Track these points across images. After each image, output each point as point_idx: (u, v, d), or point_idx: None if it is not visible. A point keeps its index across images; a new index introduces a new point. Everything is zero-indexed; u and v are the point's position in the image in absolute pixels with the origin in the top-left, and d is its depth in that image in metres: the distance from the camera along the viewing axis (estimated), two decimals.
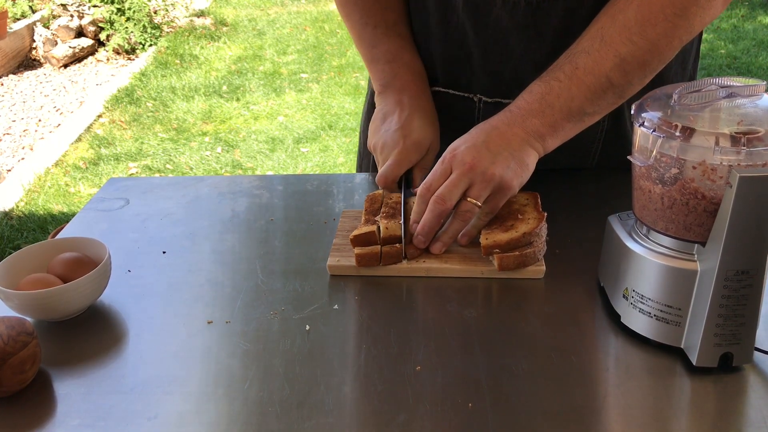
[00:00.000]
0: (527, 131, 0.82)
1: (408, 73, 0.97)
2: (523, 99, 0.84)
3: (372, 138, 0.95)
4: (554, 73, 0.83)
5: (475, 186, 0.79)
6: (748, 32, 5.16)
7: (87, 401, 0.64)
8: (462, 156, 0.80)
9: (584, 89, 0.81)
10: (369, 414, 0.61)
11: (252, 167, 3.39)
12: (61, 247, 0.80)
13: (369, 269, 0.82)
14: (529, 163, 0.82)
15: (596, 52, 0.80)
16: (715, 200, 0.61)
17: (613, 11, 0.81)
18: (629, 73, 0.81)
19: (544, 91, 0.82)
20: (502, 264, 0.79)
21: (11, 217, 2.92)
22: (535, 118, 0.82)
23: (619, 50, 0.79)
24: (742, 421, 0.61)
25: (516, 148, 0.81)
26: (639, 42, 0.79)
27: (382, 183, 0.91)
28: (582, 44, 0.83)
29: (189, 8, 5.91)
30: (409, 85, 0.96)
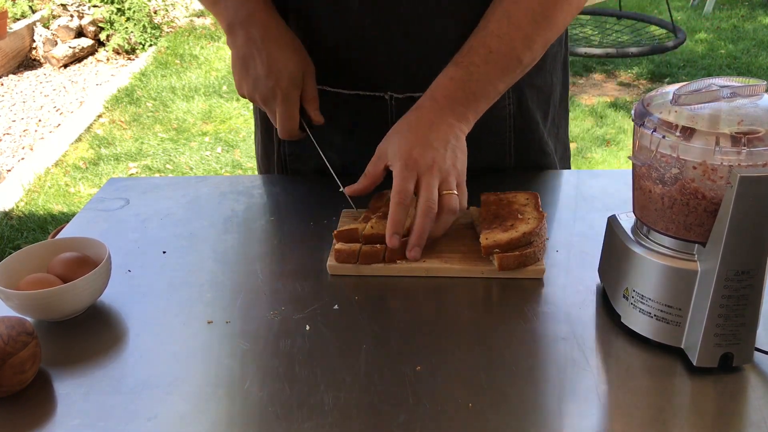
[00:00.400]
0: (457, 118, 0.85)
1: (250, 3, 0.91)
2: (444, 86, 0.86)
3: (242, 86, 0.91)
4: (470, 57, 0.86)
5: (446, 180, 0.81)
6: (748, 32, 5.16)
7: (87, 401, 0.64)
8: (422, 158, 0.81)
9: (499, 72, 0.85)
10: (369, 414, 0.61)
11: (252, 167, 3.39)
12: (61, 247, 0.80)
13: (369, 269, 0.82)
14: (463, 147, 0.85)
15: (506, 35, 0.85)
16: (716, 200, 0.61)
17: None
18: (535, 51, 0.87)
19: (465, 78, 0.85)
20: (503, 264, 0.79)
21: (11, 217, 2.92)
22: (461, 105, 0.85)
23: (526, 31, 0.85)
24: (742, 421, 0.61)
25: (455, 138, 0.84)
26: (542, 22, 0.85)
27: (286, 136, 0.91)
28: (490, 26, 0.86)
29: (189, 8, 5.91)
30: (253, 15, 0.90)
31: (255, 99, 0.91)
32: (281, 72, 0.88)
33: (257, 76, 0.88)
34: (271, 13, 0.92)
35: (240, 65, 0.90)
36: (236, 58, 0.91)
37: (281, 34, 0.90)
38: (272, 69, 0.87)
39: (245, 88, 0.91)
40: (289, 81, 0.88)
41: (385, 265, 0.82)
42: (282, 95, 0.88)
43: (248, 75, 0.89)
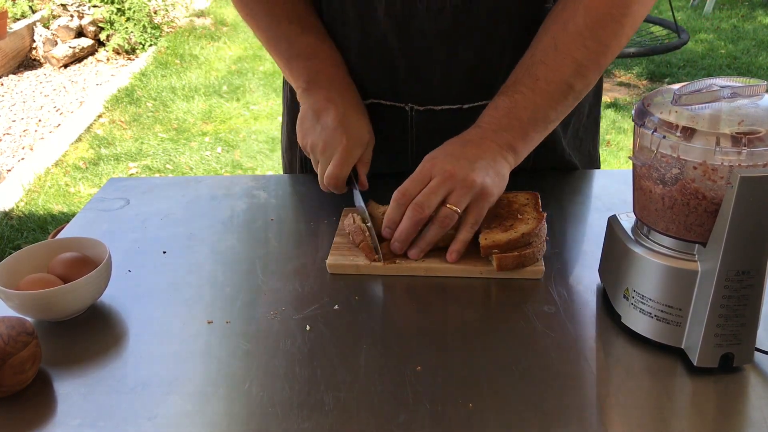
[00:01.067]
0: (500, 144, 0.83)
1: (331, 67, 0.95)
2: (490, 115, 0.85)
3: (306, 137, 0.92)
4: (516, 87, 0.84)
5: (455, 192, 0.79)
6: (748, 32, 5.17)
7: (87, 401, 0.64)
8: (442, 163, 0.80)
9: (547, 98, 0.83)
10: (369, 414, 0.61)
11: (252, 167, 3.39)
12: (61, 247, 0.80)
13: (368, 268, 0.82)
14: (504, 174, 0.83)
15: (553, 61, 0.83)
16: (716, 200, 0.61)
17: (563, 19, 0.83)
18: (587, 76, 0.84)
19: (510, 105, 0.84)
20: (501, 264, 0.79)
21: (11, 217, 2.92)
22: (506, 132, 0.83)
23: (575, 56, 0.82)
24: (742, 421, 0.61)
25: (492, 159, 0.82)
26: (592, 46, 0.82)
27: (332, 183, 0.90)
28: (537, 55, 0.84)
29: (189, 8, 5.91)
30: (336, 80, 0.94)
31: (317, 147, 0.91)
32: (352, 127, 0.90)
33: (327, 126, 0.90)
34: (350, 84, 0.96)
35: (311, 116, 0.92)
36: (309, 110, 0.92)
37: (357, 100, 0.94)
38: (344, 123, 0.90)
39: (310, 137, 0.92)
40: (357, 137, 0.90)
41: (384, 264, 0.82)
42: (346, 145, 0.88)
43: (318, 124, 0.91)
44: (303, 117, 0.94)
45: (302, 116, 0.94)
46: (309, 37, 0.96)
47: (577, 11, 0.82)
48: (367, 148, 0.92)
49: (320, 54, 0.95)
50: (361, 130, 0.91)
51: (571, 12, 0.82)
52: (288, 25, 0.96)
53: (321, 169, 0.91)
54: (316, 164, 0.93)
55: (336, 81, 0.94)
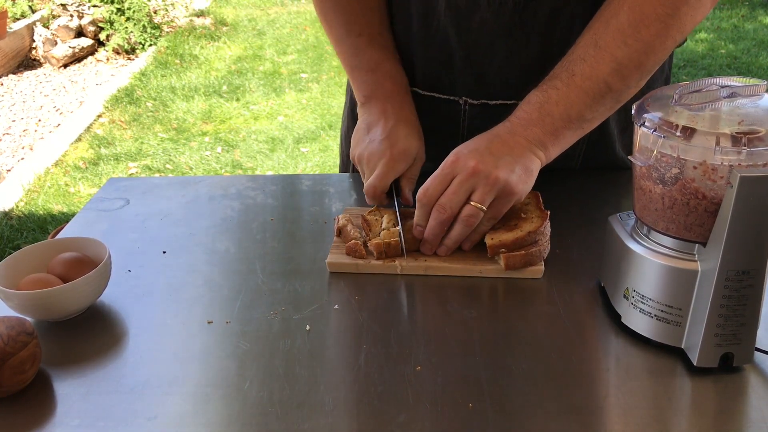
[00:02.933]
0: (529, 140, 0.81)
1: (391, 82, 0.96)
2: (522, 109, 0.84)
3: (356, 149, 0.94)
4: (551, 82, 0.83)
5: (479, 190, 0.78)
6: (749, 32, 5.16)
7: (87, 401, 0.64)
8: (465, 160, 0.79)
9: (582, 95, 0.81)
10: (369, 414, 0.61)
11: (252, 167, 3.39)
12: (61, 247, 0.80)
13: (368, 267, 0.82)
14: (533, 170, 0.81)
15: (592, 58, 0.81)
16: (716, 200, 0.61)
17: (605, 16, 0.81)
18: (626, 77, 0.81)
19: (542, 100, 0.82)
20: (509, 263, 0.79)
21: (11, 217, 2.92)
22: (536, 127, 0.82)
23: (615, 54, 0.80)
24: (742, 421, 0.61)
25: (519, 154, 0.80)
26: (634, 44, 0.79)
27: (371, 194, 0.89)
28: (577, 51, 0.83)
29: (189, 8, 5.91)
30: (393, 95, 0.95)
31: (362, 158, 0.92)
32: (399, 140, 0.90)
33: (375, 138, 0.91)
34: (407, 98, 0.96)
35: (363, 129, 0.93)
36: (362, 123, 0.94)
37: (411, 117, 0.94)
38: (391, 135, 0.90)
39: (359, 148, 0.93)
40: (402, 150, 0.89)
41: (384, 263, 0.82)
42: (389, 157, 0.88)
43: (367, 136, 0.92)
44: (357, 129, 0.95)
45: (356, 129, 0.95)
46: (375, 52, 0.97)
47: (621, 9, 0.80)
48: (413, 164, 0.91)
49: (382, 68, 0.96)
50: (408, 145, 0.90)
51: (615, 9, 0.80)
52: (357, 37, 0.98)
53: (365, 180, 0.91)
54: (363, 175, 0.93)
55: (393, 96, 0.94)
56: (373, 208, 0.90)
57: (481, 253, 0.82)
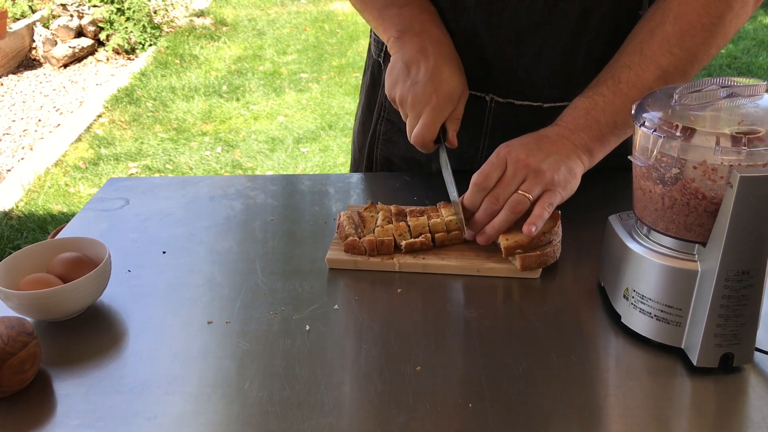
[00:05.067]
0: (576, 144, 0.83)
1: (425, 15, 0.92)
2: (569, 115, 0.85)
3: (394, 88, 0.90)
4: (597, 89, 0.84)
5: (528, 181, 0.80)
6: (749, 32, 5.16)
7: (87, 401, 0.64)
8: (517, 152, 0.80)
9: (628, 103, 0.82)
10: (369, 414, 0.61)
11: (252, 167, 3.39)
12: (61, 247, 0.80)
13: (366, 263, 0.82)
14: (576, 173, 0.82)
15: (637, 66, 0.82)
16: (716, 200, 0.61)
17: (651, 25, 0.83)
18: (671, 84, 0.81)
19: (589, 106, 0.84)
20: (525, 264, 0.79)
21: (11, 217, 2.92)
22: (583, 132, 0.83)
23: (660, 63, 0.81)
24: (742, 421, 0.61)
25: (566, 156, 0.82)
26: (679, 53, 0.81)
27: (419, 143, 0.88)
28: (622, 59, 0.84)
29: (189, 8, 5.91)
30: (429, 29, 0.91)
31: (405, 101, 0.89)
32: (444, 82, 0.87)
33: (418, 80, 0.87)
34: (444, 32, 0.92)
35: (401, 68, 0.89)
36: (399, 62, 0.89)
37: (452, 54, 0.91)
38: (435, 77, 0.87)
39: (399, 89, 0.89)
40: (448, 93, 0.87)
41: (382, 260, 0.82)
42: (436, 103, 0.86)
43: (408, 78, 0.88)
44: (392, 67, 0.90)
45: (392, 66, 0.90)
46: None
47: (666, 18, 0.81)
48: (458, 104, 0.90)
49: (413, 3, 0.93)
50: (452, 86, 0.87)
51: (661, 18, 0.82)
52: None
53: (410, 125, 0.89)
54: (405, 116, 0.91)
55: (429, 30, 0.91)
56: (369, 205, 0.90)
57: (479, 252, 0.82)
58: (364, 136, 1.15)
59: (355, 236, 0.85)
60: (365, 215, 0.88)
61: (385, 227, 0.84)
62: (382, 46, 1.07)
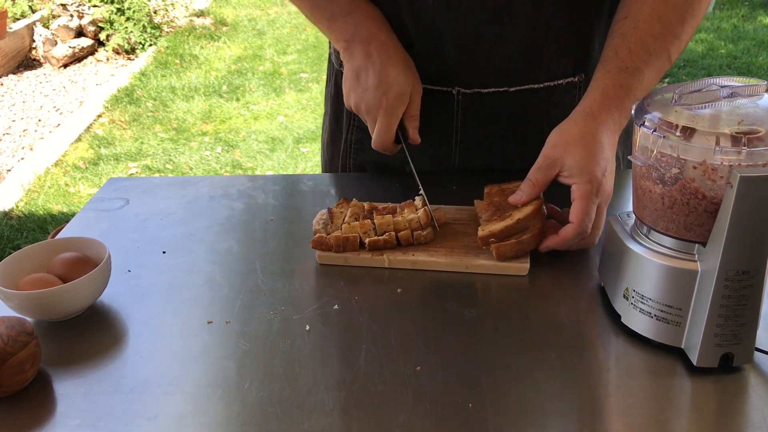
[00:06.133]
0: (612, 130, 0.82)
1: (369, 21, 0.94)
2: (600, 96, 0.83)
3: (350, 98, 0.93)
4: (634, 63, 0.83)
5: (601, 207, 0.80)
6: (748, 32, 5.16)
7: (87, 401, 0.64)
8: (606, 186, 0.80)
9: (656, 73, 0.84)
10: (369, 414, 0.61)
11: (252, 167, 3.39)
12: (61, 247, 0.80)
13: (356, 260, 0.83)
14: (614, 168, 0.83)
15: (661, 36, 0.83)
16: (716, 200, 0.61)
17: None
18: (680, 51, 0.85)
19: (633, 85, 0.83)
20: (500, 253, 0.80)
21: (11, 217, 2.92)
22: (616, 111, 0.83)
23: (676, 30, 0.83)
24: (742, 421, 0.61)
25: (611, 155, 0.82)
26: (690, 20, 0.83)
27: (380, 147, 0.91)
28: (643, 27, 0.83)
29: (189, 8, 5.91)
30: (375, 34, 0.93)
31: (360, 109, 0.92)
32: (391, 85, 0.89)
33: (367, 87, 0.90)
34: (389, 34, 0.94)
35: (352, 77, 0.92)
36: (350, 71, 0.93)
37: (397, 53, 0.92)
38: (382, 81, 0.89)
39: (353, 98, 0.92)
40: (397, 94, 0.89)
41: (372, 256, 0.83)
42: (386, 107, 0.89)
43: (358, 86, 0.91)
44: (346, 77, 0.93)
45: (345, 76, 0.94)
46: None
47: None
48: (411, 102, 0.91)
49: (358, 9, 0.95)
50: (401, 85, 0.90)
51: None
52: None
53: (371, 130, 0.92)
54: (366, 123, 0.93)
55: (374, 35, 0.93)
56: (341, 201, 0.92)
57: (468, 249, 0.83)
58: (334, 147, 1.14)
59: (323, 233, 0.86)
60: (335, 211, 0.89)
61: (351, 224, 0.85)
62: None
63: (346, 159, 1.12)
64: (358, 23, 0.94)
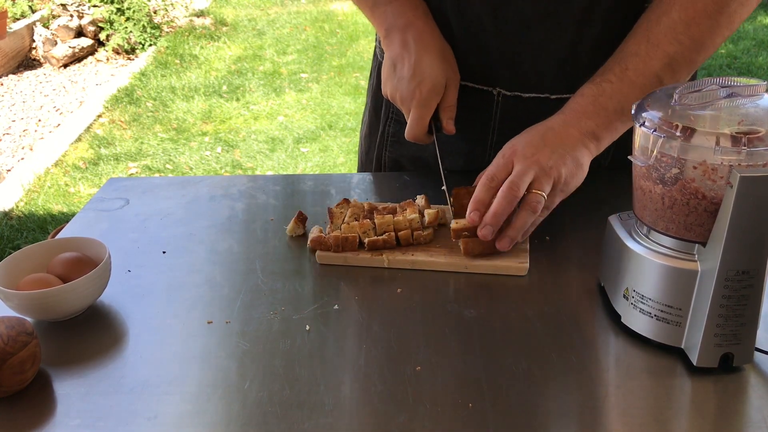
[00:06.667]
0: (582, 132, 0.83)
1: (410, 9, 0.93)
2: (576, 102, 0.85)
3: (386, 87, 0.93)
4: (605, 75, 0.84)
5: (539, 180, 0.79)
6: (748, 32, 5.17)
7: (87, 401, 0.64)
8: (523, 150, 0.80)
9: (635, 89, 0.82)
10: (369, 414, 0.61)
11: (252, 167, 3.39)
12: (61, 247, 0.80)
13: (356, 260, 0.83)
14: (583, 163, 0.82)
15: (644, 54, 0.82)
16: (716, 200, 0.61)
17: (657, 13, 0.83)
18: (677, 72, 0.83)
19: (596, 93, 0.84)
20: (467, 248, 0.81)
21: (11, 217, 2.92)
22: (590, 119, 0.83)
23: (666, 50, 0.82)
24: (742, 421, 0.61)
25: (571, 147, 0.81)
26: (685, 41, 0.81)
27: (412, 138, 0.91)
28: (629, 47, 0.84)
29: (189, 8, 5.91)
30: (413, 23, 0.92)
31: (395, 99, 0.92)
32: (425, 76, 0.88)
33: (402, 77, 0.89)
34: (428, 22, 0.93)
35: (389, 66, 0.92)
36: (388, 59, 0.92)
37: (435, 42, 0.92)
38: (417, 72, 0.88)
39: (389, 87, 0.92)
40: (431, 86, 0.89)
41: (371, 256, 0.83)
42: (420, 98, 0.89)
43: (394, 75, 0.91)
44: (384, 65, 0.93)
45: (384, 64, 0.93)
46: None
47: (672, 6, 0.82)
48: (447, 92, 0.91)
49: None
50: (435, 76, 0.89)
51: (667, 7, 0.82)
52: None
53: (406, 120, 0.92)
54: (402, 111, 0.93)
55: (413, 24, 0.92)
56: (341, 201, 0.92)
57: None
58: (371, 139, 1.15)
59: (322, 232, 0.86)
60: (335, 211, 0.89)
61: (350, 224, 0.85)
62: None
63: (381, 151, 1.12)
64: (399, 11, 0.93)
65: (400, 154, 1.10)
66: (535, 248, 0.84)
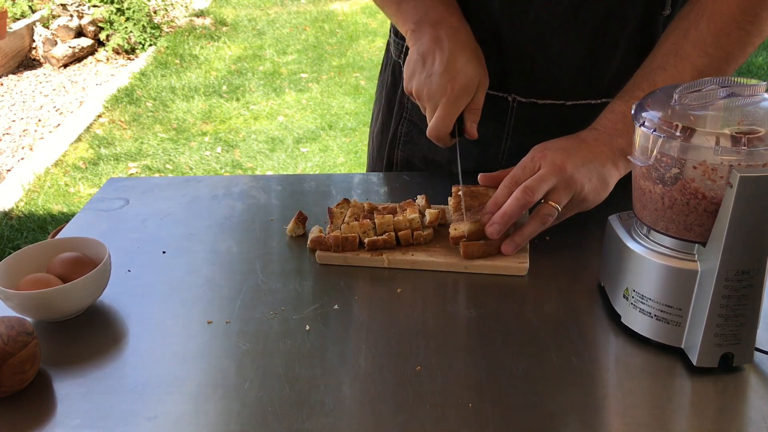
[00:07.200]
0: (613, 150, 0.82)
1: (441, 5, 0.90)
2: (606, 118, 0.84)
3: (411, 81, 0.88)
4: (633, 92, 0.83)
5: (558, 190, 0.78)
6: None
7: (87, 401, 0.64)
8: (554, 155, 0.79)
9: None
10: (369, 414, 0.61)
11: (252, 167, 3.39)
12: (61, 247, 0.80)
13: (356, 260, 0.83)
14: (609, 183, 0.81)
15: (672, 68, 0.81)
16: (716, 200, 0.61)
17: (684, 26, 0.82)
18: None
19: (626, 110, 0.82)
20: (467, 252, 0.81)
21: (11, 217, 2.92)
22: (621, 137, 0.82)
23: (695, 63, 0.80)
24: (742, 421, 0.61)
25: (601, 164, 0.80)
26: (714, 53, 0.80)
27: (435, 137, 0.87)
28: (657, 61, 0.83)
29: (189, 8, 5.91)
30: (445, 18, 0.88)
31: (421, 95, 0.87)
32: (458, 73, 0.84)
33: (433, 72, 0.85)
34: (461, 19, 0.90)
35: (416, 60, 0.87)
36: (415, 54, 0.88)
37: (468, 40, 0.88)
38: (450, 68, 0.84)
39: (415, 82, 0.87)
40: (463, 84, 0.84)
41: (371, 256, 0.83)
42: (450, 95, 0.84)
43: (423, 70, 0.86)
44: (409, 59, 0.88)
45: (409, 58, 0.89)
46: None
47: (701, 18, 0.80)
48: (476, 94, 0.87)
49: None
50: (468, 75, 0.84)
51: (695, 19, 0.81)
52: None
53: (428, 118, 0.88)
54: (424, 110, 0.89)
55: (445, 19, 0.88)
56: (341, 201, 0.92)
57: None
58: (383, 137, 1.14)
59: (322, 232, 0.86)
60: (335, 211, 0.89)
61: (351, 224, 0.85)
62: (402, 47, 1.06)
63: (393, 150, 1.11)
64: (429, 6, 0.90)
65: (412, 153, 1.10)
66: (535, 248, 0.84)
